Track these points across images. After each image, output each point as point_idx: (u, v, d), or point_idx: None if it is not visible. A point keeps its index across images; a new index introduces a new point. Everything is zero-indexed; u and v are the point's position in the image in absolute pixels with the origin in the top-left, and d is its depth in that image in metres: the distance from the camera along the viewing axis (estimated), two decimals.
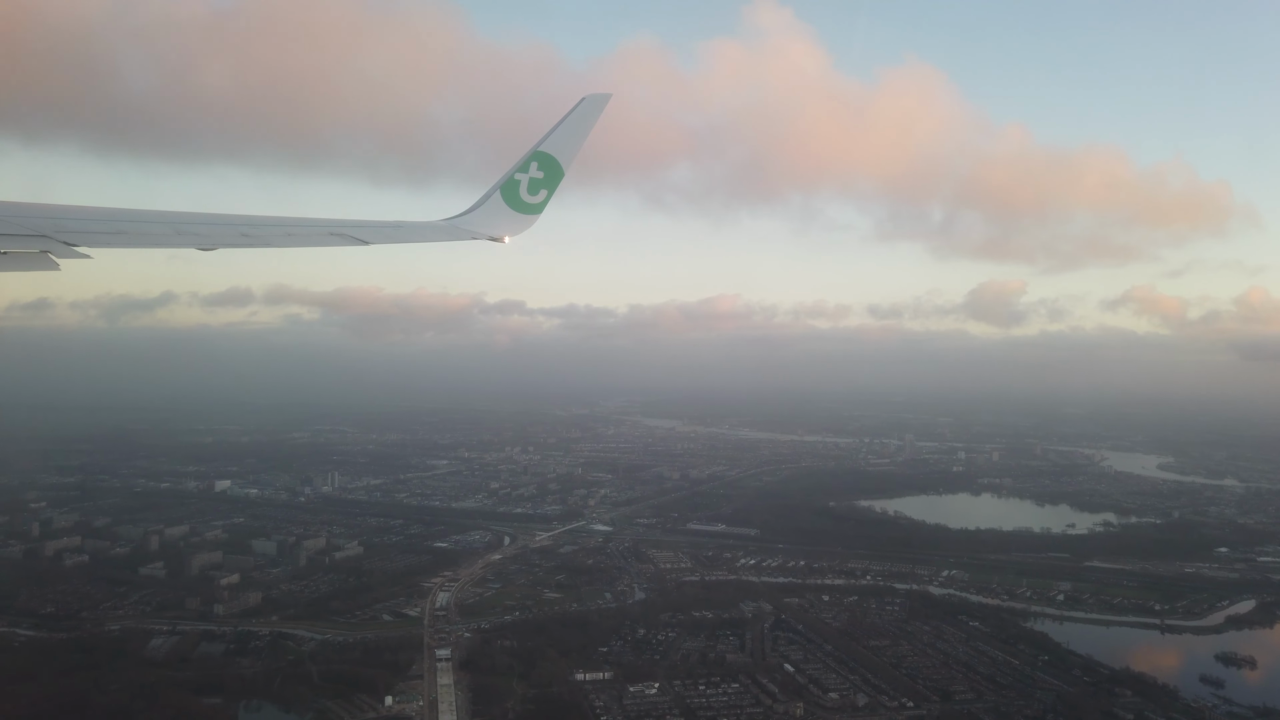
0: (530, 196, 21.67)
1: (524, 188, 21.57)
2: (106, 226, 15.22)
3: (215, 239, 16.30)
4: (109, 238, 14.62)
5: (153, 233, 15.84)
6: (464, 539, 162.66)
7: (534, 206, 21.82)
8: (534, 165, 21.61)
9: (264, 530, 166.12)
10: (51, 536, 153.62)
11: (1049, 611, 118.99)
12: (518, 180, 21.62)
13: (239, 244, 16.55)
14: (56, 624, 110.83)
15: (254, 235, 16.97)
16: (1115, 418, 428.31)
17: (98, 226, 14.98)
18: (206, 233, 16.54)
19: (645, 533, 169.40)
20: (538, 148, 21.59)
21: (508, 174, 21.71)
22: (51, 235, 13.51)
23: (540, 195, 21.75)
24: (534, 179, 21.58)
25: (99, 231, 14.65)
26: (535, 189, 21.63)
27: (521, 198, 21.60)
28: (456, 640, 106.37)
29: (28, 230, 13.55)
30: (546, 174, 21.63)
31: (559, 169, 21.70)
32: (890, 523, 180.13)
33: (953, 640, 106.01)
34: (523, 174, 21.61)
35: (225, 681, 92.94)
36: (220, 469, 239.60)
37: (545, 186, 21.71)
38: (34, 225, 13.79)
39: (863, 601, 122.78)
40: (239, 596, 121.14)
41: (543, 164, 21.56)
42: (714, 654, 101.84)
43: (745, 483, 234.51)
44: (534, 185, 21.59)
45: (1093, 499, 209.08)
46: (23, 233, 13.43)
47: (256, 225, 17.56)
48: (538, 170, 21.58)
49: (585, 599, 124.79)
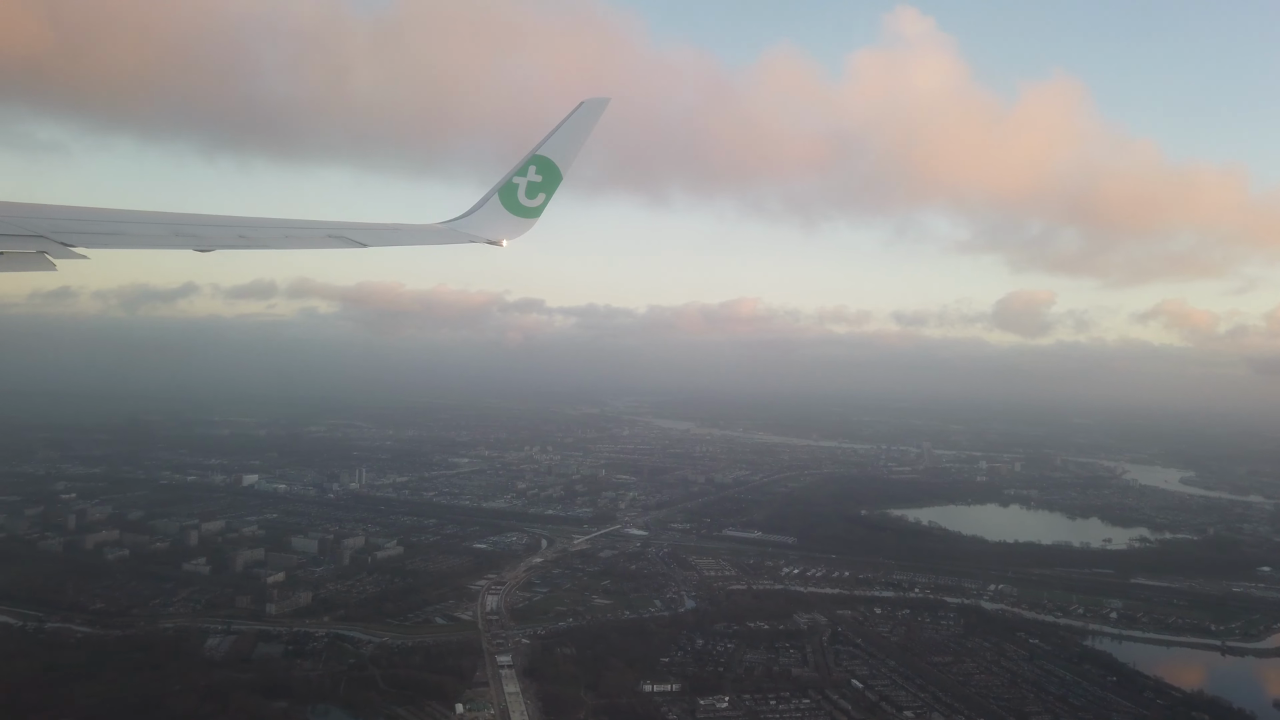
0: (528, 200, 21.53)
1: (522, 191, 21.42)
2: (104, 227, 15.16)
3: (213, 241, 16.34)
4: (106, 238, 14.60)
5: (150, 234, 15.87)
6: (501, 540, 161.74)
7: (532, 210, 21.67)
8: (532, 169, 21.42)
9: (299, 527, 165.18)
10: (88, 529, 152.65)
11: (1106, 630, 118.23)
12: (516, 184, 21.45)
13: (237, 246, 16.55)
14: (109, 621, 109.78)
15: (252, 237, 16.97)
16: (1126, 429, 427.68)
17: (95, 227, 14.93)
18: (204, 234, 16.56)
19: (682, 538, 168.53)
20: (536, 151, 21.37)
21: (505, 177, 21.53)
22: (48, 236, 13.46)
23: (538, 199, 21.59)
24: (532, 183, 21.42)
25: (96, 232, 14.62)
26: (533, 193, 21.50)
27: (519, 201, 21.48)
28: (515, 646, 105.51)
29: (25, 230, 13.46)
30: (545, 178, 21.47)
31: (557, 173, 21.53)
32: (926, 533, 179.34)
33: (1016, 658, 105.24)
34: (521, 177, 21.45)
35: (290, 684, 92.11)
36: (243, 463, 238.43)
37: (543, 190, 21.55)
38: (31, 225, 13.74)
39: (916, 615, 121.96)
40: (289, 596, 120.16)
41: (541, 168, 21.39)
42: (778, 667, 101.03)
43: (771, 488, 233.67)
44: (532, 189, 21.46)
45: (1123, 513, 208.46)
46: (20, 233, 13.35)
47: (255, 227, 17.51)
48: (536, 174, 21.41)
49: (636, 606, 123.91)
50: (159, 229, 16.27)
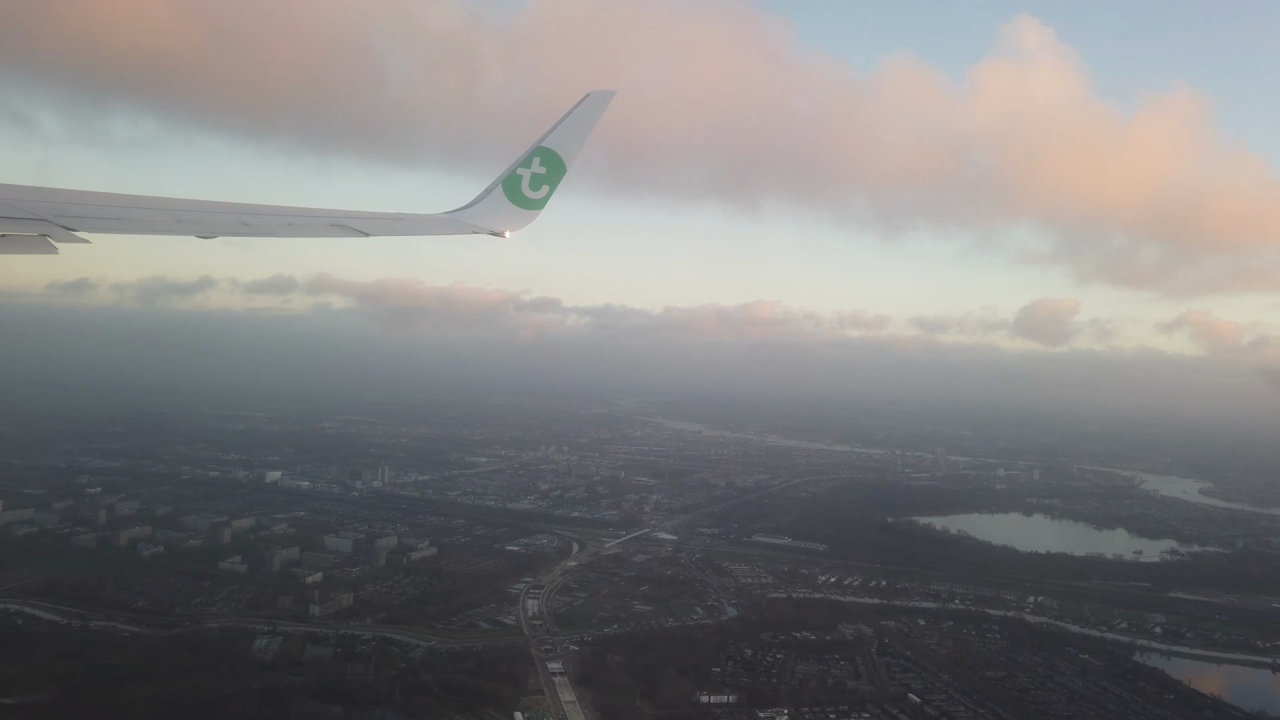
0: (532, 192, 21.48)
1: (526, 183, 21.38)
2: (106, 212, 15.12)
3: (215, 227, 16.23)
4: (109, 223, 14.60)
5: (152, 219, 15.82)
6: (532, 543, 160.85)
7: (536, 202, 21.61)
8: (536, 161, 21.34)
9: (329, 525, 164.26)
10: (119, 525, 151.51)
11: (1154, 645, 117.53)
12: (520, 175, 21.38)
13: (239, 233, 16.43)
14: (154, 620, 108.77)
15: (254, 224, 16.88)
16: (1137, 438, 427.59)
17: (97, 212, 14.92)
18: (206, 220, 16.48)
19: (712, 543, 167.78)
20: (540, 143, 21.29)
21: (510, 168, 21.44)
22: (51, 220, 13.52)
23: (542, 191, 21.56)
24: (536, 174, 21.38)
25: (98, 217, 14.62)
26: (537, 184, 21.45)
27: (523, 193, 21.42)
28: (564, 653, 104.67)
29: (27, 214, 13.54)
30: (549, 170, 21.43)
31: (561, 165, 21.49)
32: (956, 542, 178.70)
33: (1068, 674, 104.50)
34: (525, 169, 21.37)
35: (344, 688, 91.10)
36: (261, 458, 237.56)
37: (547, 182, 21.53)
38: (34, 209, 13.81)
39: (960, 627, 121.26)
40: (331, 597, 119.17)
41: (545, 160, 21.34)
42: (831, 679, 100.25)
43: (792, 493, 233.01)
44: (536, 181, 21.42)
45: (1149, 524, 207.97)
46: (22, 216, 13.43)
47: (257, 214, 17.43)
48: (540, 166, 21.35)
49: (678, 614, 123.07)
50: (162, 215, 16.17)
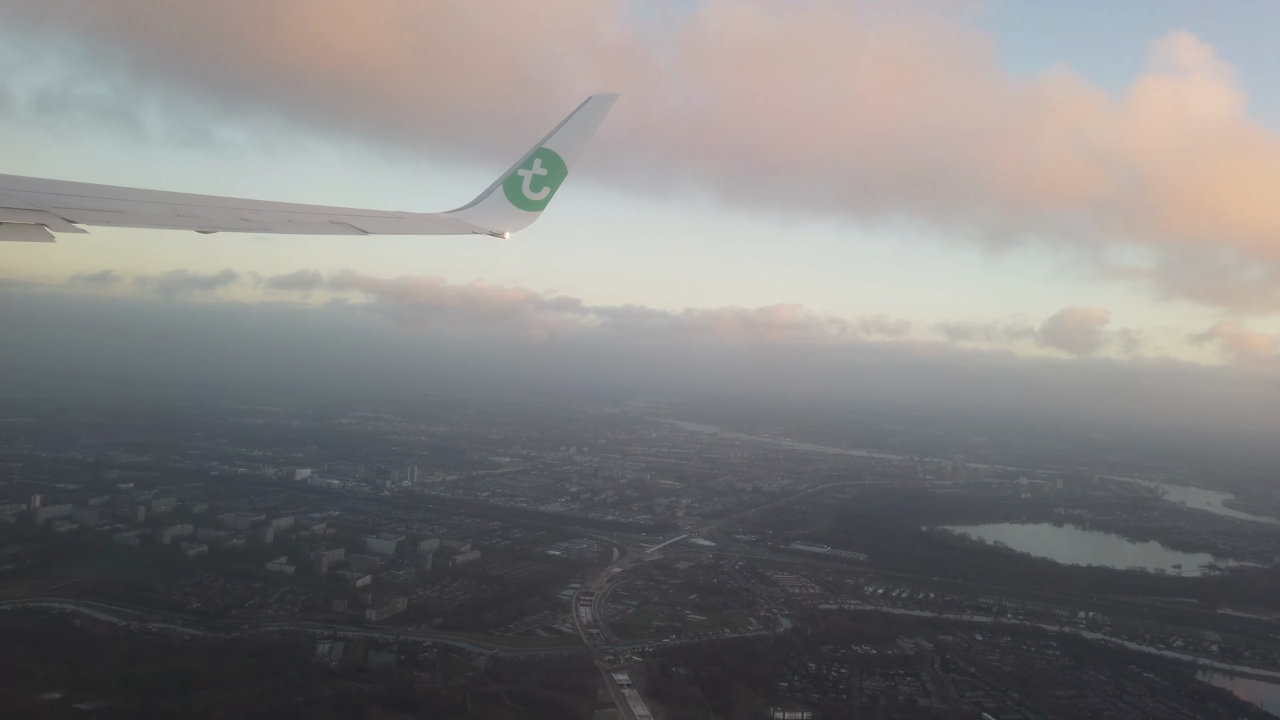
0: (533, 193, 21.50)
1: (527, 184, 21.40)
2: (105, 205, 15.20)
3: (215, 222, 16.28)
4: (107, 215, 14.62)
5: (152, 213, 15.81)
6: (572, 547, 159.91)
7: (536, 203, 21.63)
8: (538, 162, 21.35)
9: (367, 526, 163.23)
10: (159, 523, 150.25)
11: (1216, 665, 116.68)
12: (521, 176, 21.38)
13: (239, 228, 16.52)
14: (211, 622, 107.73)
15: (254, 220, 16.92)
16: (1148, 447, 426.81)
17: (97, 204, 14.99)
18: (206, 215, 16.50)
19: (751, 551, 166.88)
20: (542, 145, 21.31)
21: (511, 169, 21.43)
22: (50, 210, 13.61)
23: (543, 192, 21.59)
24: (537, 176, 21.40)
25: (97, 209, 14.67)
26: (538, 186, 21.47)
27: (524, 194, 21.45)
28: (628, 664, 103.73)
29: (26, 204, 13.62)
30: (550, 171, 21.44)
31: (563, 167, 21.51)
32: (995, 554, 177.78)
33: (1136, 694, 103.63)
34: (526, 170, 21.37)
35: (415, 698, 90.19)
36: (286, 455, 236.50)
37: (548, 184, 21.55)
38: (33, 200, 13.91)
39: (1018, 643, 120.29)
40: (385, 601, 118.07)
41: (546, 161, 21.37)
42: (902, 696, 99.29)
43: (820, 499, 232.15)
44: (537, 182, 21.44)
45: (1180, 537, 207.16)
46: (21, 206, 13.51)
47: (256, 210, 17.43)
48: (541, 167, 21.38)
49: (733, 624, 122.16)
50: (160, 209, 16.12)
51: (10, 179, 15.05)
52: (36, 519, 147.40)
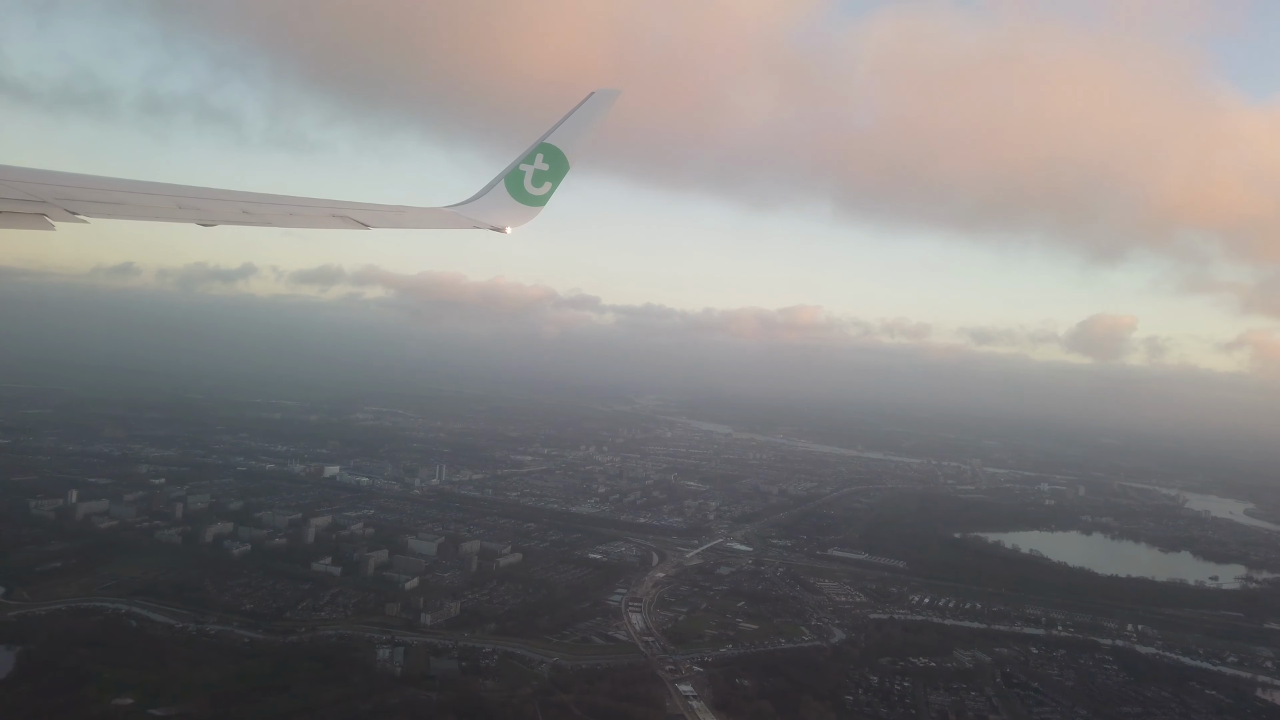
0: (534, 188, 21.52)
1: (528, 179, 21.42)
2: (107, 196, 15.24)
3: (216, 215, 16.26)
4: (109, 208, 14.71)
5: (153, 205, 15.91)
6: (611, 550, 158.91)
7: (537, 198, 21.63)
8: (539, 157, 21.37)
9: (404, 525, 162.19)
10: (198, 520, 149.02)
11: (1276, 683, 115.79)
12: (522, 171, 21.40)
13: (240, 221, 16.49)
14: (267, 624, 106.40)
15: (255, 213, 16.88)
16: (1159, 452, 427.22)
17: (98, 196, 15.04)
18: (207, 208, 16.49)
19: (789, 556, 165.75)
20: (544, 140, 21.29)
21: (513, 164, 21.42)
22: (52, 201, 13.67)
23: (544, 187, 21.60)
24: (539, 171, 21.41)
25: (99, 201, 14.75)
26: (540, 181, 21.49)
27: (525, 189, 21.45)
28: (690, 674, 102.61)
29: (29, 195, 13.72)
30: (552, 166, 21.45)
31: (564, 162, 21.51)
32: (1032, 563, 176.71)
33: (1202, 713, 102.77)
34: (528, 165, 21.38)
35: (485, 707, 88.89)
36: (310, 450, 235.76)
37: (550, 179, 21.56)
38: (36, 191, 14.00)
39: (1074, 657, 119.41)
40: (438, 605, 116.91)
41: (548, 156, 21.38)
42: (970, 712, 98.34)
43: (846, 503, 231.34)
44: (538, 177, 21.46)
45: (1210, 547, 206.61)
46: (24, 197, 13.59)
47: (258, 203, 17.41)
48: (543, 162, 21.39)
49: (786, 633, 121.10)
50: (161, 201, 16.20)
51: (14, 170, 15.01)
52: (75, 515, 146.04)
